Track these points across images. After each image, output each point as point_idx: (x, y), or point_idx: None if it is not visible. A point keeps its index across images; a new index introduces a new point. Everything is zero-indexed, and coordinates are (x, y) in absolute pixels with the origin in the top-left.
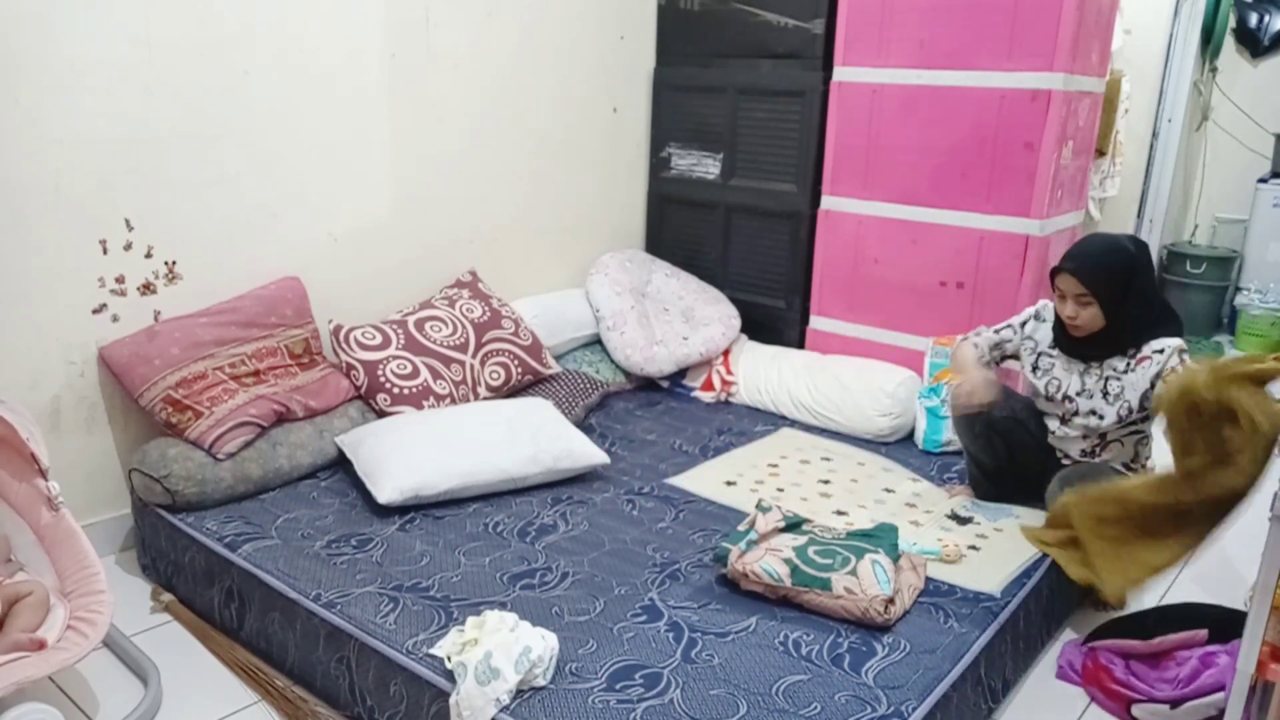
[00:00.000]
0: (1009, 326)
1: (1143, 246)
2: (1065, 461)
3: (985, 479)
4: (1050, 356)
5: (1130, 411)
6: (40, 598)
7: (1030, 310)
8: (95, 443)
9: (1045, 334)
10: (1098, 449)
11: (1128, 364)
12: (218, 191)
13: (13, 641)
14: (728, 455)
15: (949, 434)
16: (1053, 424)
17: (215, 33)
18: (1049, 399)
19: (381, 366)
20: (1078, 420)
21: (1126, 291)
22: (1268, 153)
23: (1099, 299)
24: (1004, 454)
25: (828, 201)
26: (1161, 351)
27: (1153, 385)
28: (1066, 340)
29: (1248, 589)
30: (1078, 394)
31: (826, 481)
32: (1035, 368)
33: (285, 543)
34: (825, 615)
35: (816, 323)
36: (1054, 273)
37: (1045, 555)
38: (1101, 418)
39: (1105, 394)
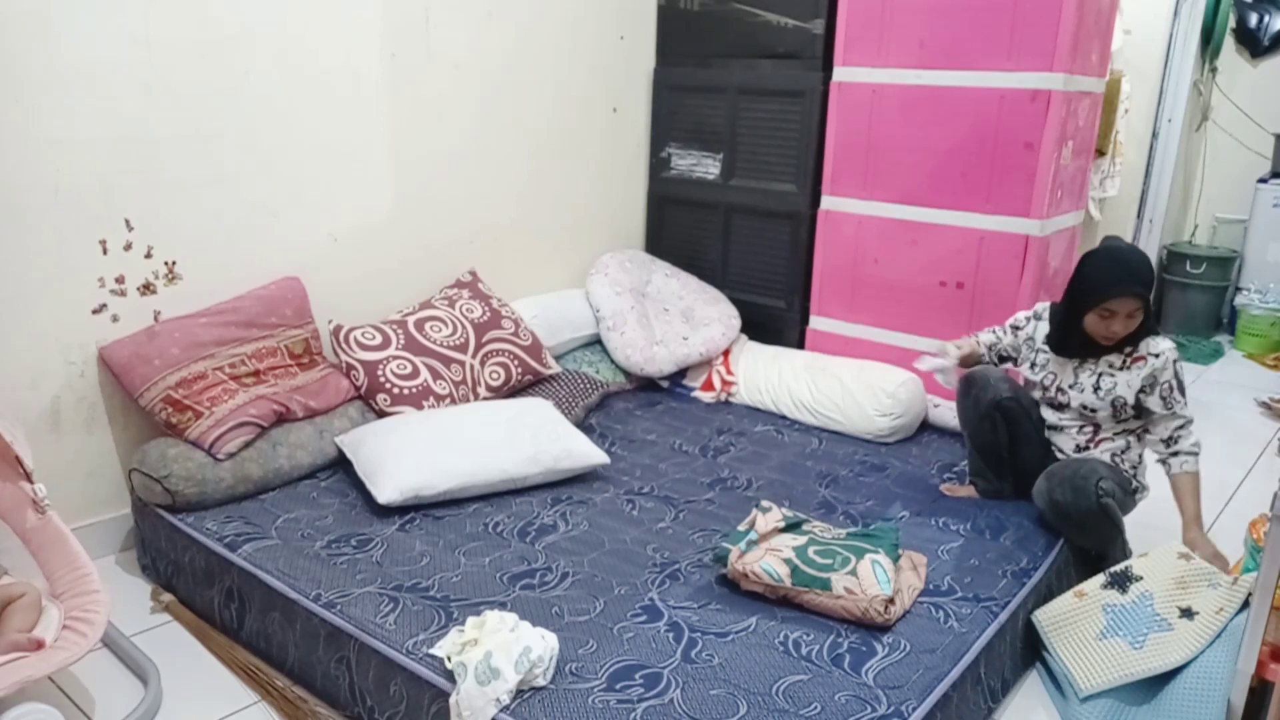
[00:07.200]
0: (1001, 329)
1: None
2: (1060, 456)
3: (986, 467)
4: (1045, 353)
5: (1125, 406)
6: (33, 599)
7: (1026, 313)
8: (95, 443)
9: (1043, 331)
10: (1091, 444)
11: (1124, 360)
12: (217, 191)
13: (11, 642)
14: None
15: None
16: (1049, 415)
17: (215, 33)
18: (1044, 389)
19: (381, 366)
20: (1070, 410)
21: None
22: (1268, 153)
23: (1146, 309)
24: (1005, 440)
25: (827, 202)
26: (1158, 356)
27: (1144, 387)
28: (1065, 344)
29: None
30: (1070, 387)
31: None
32: (1033, 364)
33: (285, 543)
34: (825, 615)
35: (816, 323)
36: (1107, 295)
37: (1054, 549)
38: (1094, 410)
39: (1097, 389)
